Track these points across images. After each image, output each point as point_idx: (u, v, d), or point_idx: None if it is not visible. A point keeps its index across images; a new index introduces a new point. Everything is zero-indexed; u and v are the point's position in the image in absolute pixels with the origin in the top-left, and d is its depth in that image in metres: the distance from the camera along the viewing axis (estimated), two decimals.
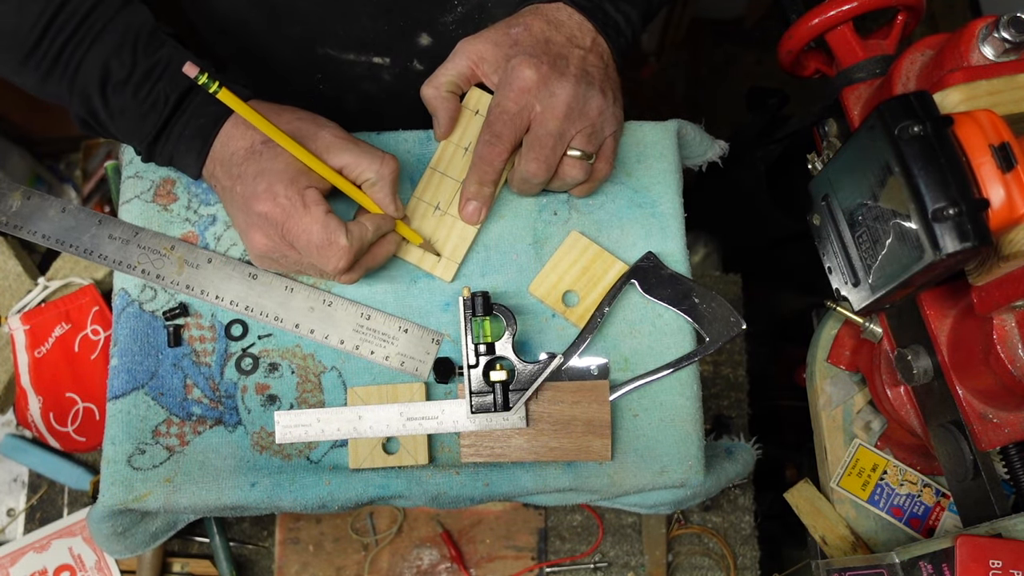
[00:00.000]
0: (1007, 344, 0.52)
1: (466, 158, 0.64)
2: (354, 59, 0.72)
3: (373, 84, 0.73)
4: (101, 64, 0.56)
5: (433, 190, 0.65)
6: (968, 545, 0.54)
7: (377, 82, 0.73)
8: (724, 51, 2.03)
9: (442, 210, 0.64)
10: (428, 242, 0.63)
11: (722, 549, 0.88)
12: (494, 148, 0.59)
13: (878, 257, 0.52)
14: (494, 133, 0.59)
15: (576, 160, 0.60)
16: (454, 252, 0.64)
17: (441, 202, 0.64)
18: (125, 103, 0.57)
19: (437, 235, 0.64)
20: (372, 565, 0.86)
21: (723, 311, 0.63)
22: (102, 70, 0.57)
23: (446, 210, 0.64)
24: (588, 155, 0.61)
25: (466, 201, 0.63)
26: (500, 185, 0.64)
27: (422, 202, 0.65)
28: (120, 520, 0.62)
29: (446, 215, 0.64)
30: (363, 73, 0.72)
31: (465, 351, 0.60)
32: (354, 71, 0.72)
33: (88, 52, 0.56)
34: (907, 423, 0.68)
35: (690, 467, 0.62)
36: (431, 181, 0.65)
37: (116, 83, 0.57)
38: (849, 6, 0.69)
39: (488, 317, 0.60)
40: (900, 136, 0.47)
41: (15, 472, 0.86)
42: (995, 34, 0.53)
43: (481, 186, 0.62)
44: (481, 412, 0.60)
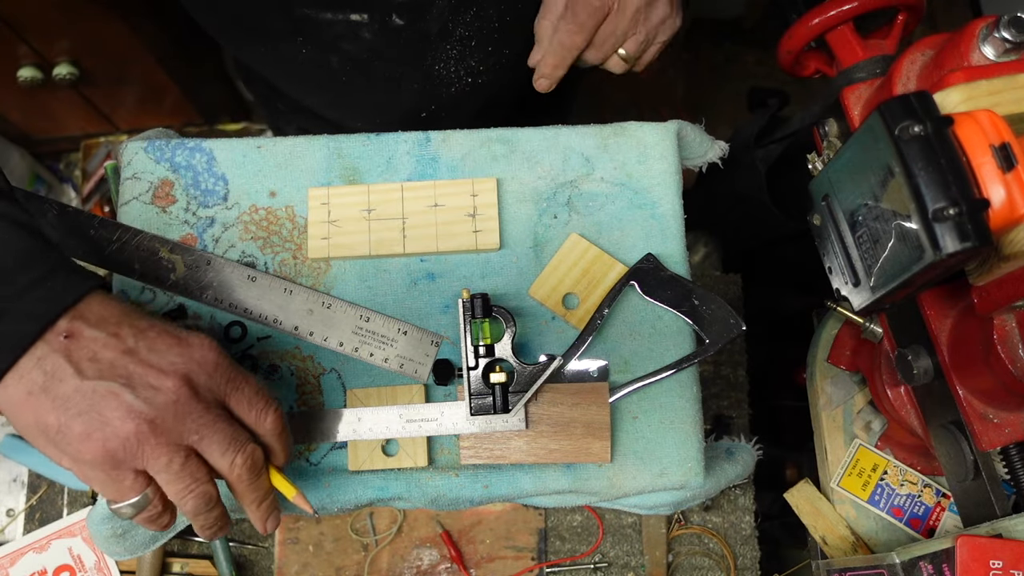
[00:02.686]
0: (1007, 344, 0.52)
1: None
2: (331, 18, 0.71)
3: (354, 44, 0.72)
4: None
5: None
6: (968, 545, 0.54)
7: (357, 41, 0.72)
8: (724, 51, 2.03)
9: None
10: (301, 494, 0.55)
11: (722, 549, 0.88)
12: (576, 37, 0.67)
13: (879, 257, 0.52)
14: (579, 22, 0.66)
15: (619, 60, 0.69)
16: (487, 215, 0.65)
17: None
18: None
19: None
20: (372, 565, 0.86)
21: (723, 313, 0.63)
22: None
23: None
24: (632, 58, 0.68)
25: (540, 77, 0.70)
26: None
27: None
28: (120, 521, 0.62)
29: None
30: (342, 32, 0.71)
31: (464, 353, 0.60)
32: (333, 30, 0.71)
33: None
34: (907, 423, 0.68)
35: (690, 469, 0.62)
36: None
37: None
38: (849, 6, 0.69)
39: (488, 319, 0.60)
40: (900, 136, 0.47)
41: (15, 472, 0.86)
42: (995, 34, 0.53)
43: (556, 69, 0.69)
44: (480, 414, 0.60)
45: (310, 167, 0.67)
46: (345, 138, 0.67)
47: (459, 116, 0.80)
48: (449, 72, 0.74)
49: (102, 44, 1.38)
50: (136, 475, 0.46)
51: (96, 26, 1.32)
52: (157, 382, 0.45)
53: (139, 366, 0.45)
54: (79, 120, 1.69)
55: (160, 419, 0.45)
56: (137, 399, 0.44)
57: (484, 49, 0.72)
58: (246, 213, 0.66)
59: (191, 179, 0.66)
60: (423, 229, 0.65)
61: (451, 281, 0.65)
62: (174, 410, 0.45)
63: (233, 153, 0.67)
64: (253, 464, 0.48)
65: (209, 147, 0.67)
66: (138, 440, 0.44)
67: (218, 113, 1.83)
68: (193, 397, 0.46)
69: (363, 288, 0.65)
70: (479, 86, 0.76)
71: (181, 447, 0.46)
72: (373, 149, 0.67)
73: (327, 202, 0.65)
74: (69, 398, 0.44)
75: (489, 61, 0.74)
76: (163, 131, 0.70)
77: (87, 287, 0.47)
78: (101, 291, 0.48)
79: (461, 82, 0.75)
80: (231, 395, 0.48)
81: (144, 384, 0.45)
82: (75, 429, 0.44)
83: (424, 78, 0.73)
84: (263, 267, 0.65)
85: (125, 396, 0.44)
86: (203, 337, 0.48)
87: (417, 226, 0.65)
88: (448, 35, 0.69)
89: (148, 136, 0.68)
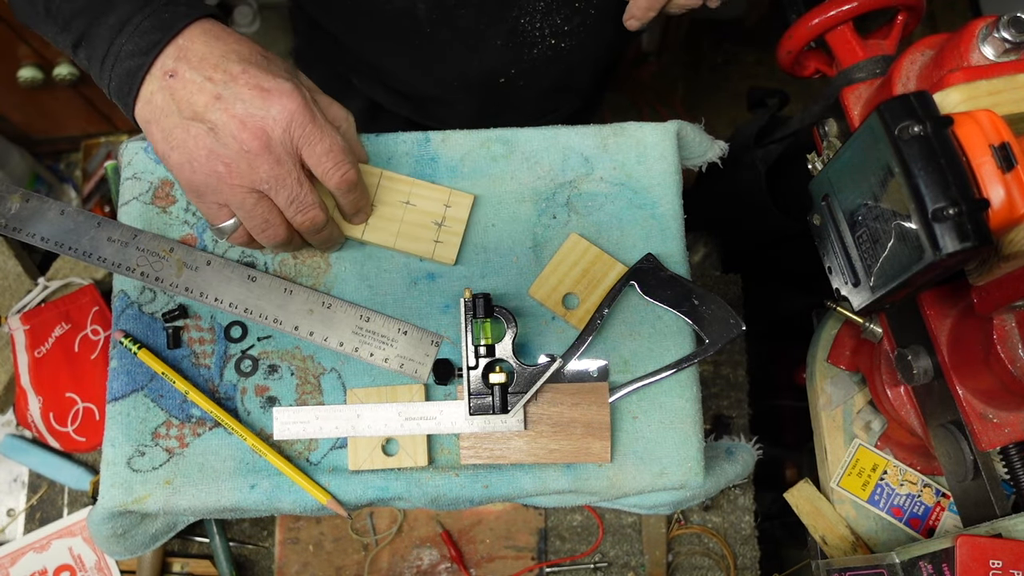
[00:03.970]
0: (1007, 344, 0.52)
1: None
2: None
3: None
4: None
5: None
6: (968, 545, 0.54)
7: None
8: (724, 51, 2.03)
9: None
10: (334, 499, 0.62)
11: (722, 549, 0.88)
12: None
13: (878, 257, 0.52)
14: None
15: None
16: (452, 230, 0.65)
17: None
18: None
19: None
20: (372, 565, 0.86)
21: (723, 313, 0.63)
22: None
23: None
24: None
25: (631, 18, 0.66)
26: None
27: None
28: (120, 522, 0.63)
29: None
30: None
31: (465, 353, 0.60)
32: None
33: None
34: (907, 423, 0.68)
35: (690, 469, 0.62)
36: None
37: None
38: (849, 6, 0.69)
39: (489, 319, 0.60)
40: (900, 136, 0.47)
41: (15, 472, 0.86)
42: (995, 34, 0.53)
43: (647, 10, 0.65)
44: (479, 414, 0.60)
45: None
46: None
47: (536, 86, 0.80)
48: (534, 28, 0.73)
49: None
50: (220, 206, 0.54)
51: None
52: (236, 132, 0.51)
53: (224, 114, 0.51)
54: (79, 120, 1.70)
55: (235, 165, 0.52)
56: (218, 143, 0.51)
57: (571, 4, 0.71)
58: None
59: None
60: (387, 222, 0.64)
61: (451, 281, 0.65)
62: (247, 160, 0.52)
63: None
64: (313, 223, 0.56)
65: None
66: (217, 178, 0.52)
67: None
68: (265, 150, 0.52)
69: (363, 287, 0.65)
70: (561, 51, 0.76)
71: (253, 191, 0.53)
72: (373, 149, 0.67)
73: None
74: (171, 132, 0.52)
75: (574, 20, 0.73)
76: None
77: (187, 19, 0.53)
78: (205, 21, 0.54)
79: (544, 42, 0.74)
80: (303, 149, 0.53)
81: (226, 132, 0.51)
82: (172, 158, 0.53)
83: (508, 33, 0.73)
84: (263, 267, 0.65)
85: (209, 140, 0.51)
86: (288, 85, 0.52)
87: (383, 217, 0.64)
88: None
89: None
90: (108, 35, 0.53)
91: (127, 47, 0.52)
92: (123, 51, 0.53)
